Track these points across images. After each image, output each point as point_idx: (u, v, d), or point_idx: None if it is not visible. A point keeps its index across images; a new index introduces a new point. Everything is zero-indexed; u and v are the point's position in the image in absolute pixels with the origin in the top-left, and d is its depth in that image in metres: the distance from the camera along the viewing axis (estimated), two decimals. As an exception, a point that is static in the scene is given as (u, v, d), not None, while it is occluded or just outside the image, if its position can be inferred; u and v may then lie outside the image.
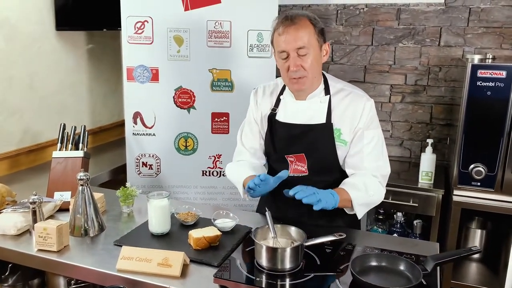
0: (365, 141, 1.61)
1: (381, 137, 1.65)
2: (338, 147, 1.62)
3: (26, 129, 2.47)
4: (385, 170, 1.66)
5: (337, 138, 1.61)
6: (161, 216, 1.56)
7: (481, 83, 2.08)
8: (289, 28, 1.51)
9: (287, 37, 1.51)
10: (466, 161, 2.17)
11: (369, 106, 1.60)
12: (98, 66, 2.99)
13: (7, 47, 2.31)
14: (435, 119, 2.82)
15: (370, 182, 1.59)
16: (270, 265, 1.29)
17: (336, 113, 1.61)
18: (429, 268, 1.25)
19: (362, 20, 2.87)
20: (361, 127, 1.60)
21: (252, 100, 1.77)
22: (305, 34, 1.51)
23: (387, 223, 2.70)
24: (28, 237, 1.56)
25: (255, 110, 1.76)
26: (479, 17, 2.61)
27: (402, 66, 2.83)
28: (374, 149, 1.62)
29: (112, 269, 1.35)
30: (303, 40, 1.50)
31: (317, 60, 1.57)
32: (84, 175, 1.58)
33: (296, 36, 1.50)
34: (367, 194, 1.57)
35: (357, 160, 1.62)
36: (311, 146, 1.62)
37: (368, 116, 1.60)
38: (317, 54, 1.55)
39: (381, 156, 1.64)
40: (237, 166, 1.76)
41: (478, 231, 2.45)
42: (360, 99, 1.61)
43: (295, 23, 1.51)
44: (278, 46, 1.55)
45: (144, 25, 2.38)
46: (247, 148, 1.78)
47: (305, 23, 1.52)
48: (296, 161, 1.65)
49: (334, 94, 1.63)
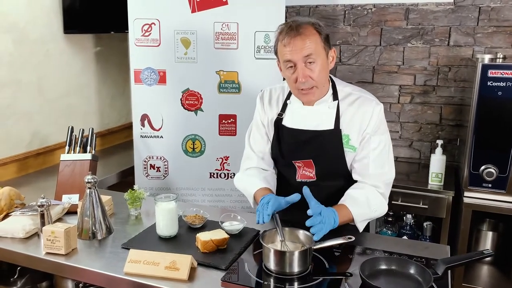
0: (371, 146, 1.58)
1: (388, 143, 1.61)
2: (347, 153, 1.59)
3: (35, 132, 2.49)
4: (389, 177, 1.62)
5: (346, 144, 1.58)
6: (169, 219, 1.55)
7: (492, 83, 2.06)
8: (294, 39, 1.46)
9: (293, 47, 1.47)
10: (477, 163, 2.14)
11: (378, 110, 1.57)
12: (106, 69, 3.00)
13: (16, 50, 2.32)
14: (445, 119, 2.79)
15: (372, 196, 1.56)
16: (278, 269, 1.27)
17: (345, 118, 1.58)
18: (440, 272, 1.23)
19: (370, 20, 2.84)
20: (368, 132, 1.57)
21: (258, 104, 1.74)
22: (312, 43, 1.47)
23: (397, 225, 2.67)
24: (37, 240, 1.56)
25: (262, 114, 1.73)
26: (489, 16, 2.57)
27: (411, 67, 2.81)
28: (380, 155, 1.58)
29: (120, 273, 1.34)
30: (310, 49, 1.47)
31: (325, 68, 1.53)
32: (92, 178, 1.57)
33: (302, 45, 1.46)
34: (370, 209, 1.55)
35: (362, 165, 1.59)
36: (319, 152, 1.60)
37: (376, 120, 1.57)
38: (324, 62, 1.52)
39: (386, 162, 1.60)
40: (247, 177, 1.72)
41: (490, 233, 2.41)
42: (369, 103, 1.58)
43: (300, 33, 1.46)
44: (284, 57, 1.51)
45: (151, 27, 2.38)
46: (255, 152, 1.75)
47: (310, 32, 1.48)
48: (304, 166, 1.63)
49: (343, 99, 1.60)
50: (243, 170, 1.78)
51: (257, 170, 1.72)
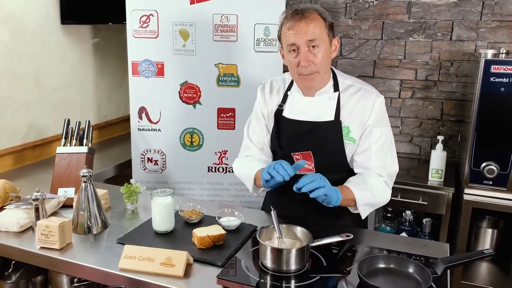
0: (373, 138, 1.57)
1: (390, 135, 1.61)
2: (347, 145, 1.58)
3: (32, 124, 2.46)
4: (393, 169, 1.61)
5: (346, 136, 1.57)
6: (165, 214, 1.54)
7: (495, 79, 2.03)
8: (299, 22, 1.46)
9: (297, 30, 1.46)
10: (478, 159, 2.12)
11: (379, 102, 1.56)
12: (104, 60, 2.96)
13: (12, 41, 2.29)
14: (446, 115, 2.76)
15: (375, 182, 1.55)
16: (275, 266, 1.25)
17: (345, 110, 1.57)
18: (439, 271, 1.21)
19: (371, 14, 2.81)
20: (370, 124, 1.56)
21: (259, 95, 1.73)
22: (316, 27, 1.47)
23: (396, 221, 2.65)
24: (31, 234, 1.54)
25: (263, 105, 1.72)
26: (493, 11, 2.53)
27: (413, 61, 2.77)
28: (382, 147, 1.58)
29: (115, 268, 1.33)
30: (314, 33, 1.46)
31: (327, 55, 1.53)
32: (87, 171, 1.55)
33: (307, 29, 1.46)
34: (372, 194, 1.54)
35: (364, 158, 1.58)
36: (319, 144, 1.59)
37: (378, 112, 1.56)
38: (327, 49, 1.51)
39: (389, 155, 1.60)
40: (246, 161, 1.72)
41: (489, 230, 2.40)
42: (370, 95, 1.57)
43: (305, 17, 1.47)
44: (287, 40, 1.50)
45: (149, 18, 2.34)
46: (255, 143, 1.74)
47: (315, 17, 1.48)
48: (303, 159, 1.62)
49: (343, 91, 1.59)
50: (242, 157, 1.77)
51: (257, 158, 1.71)
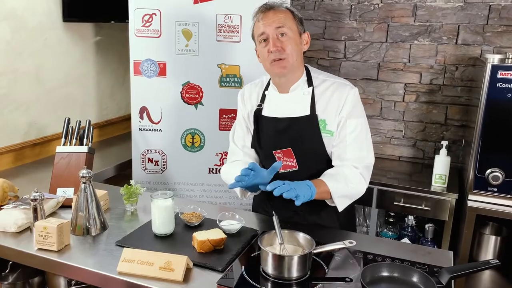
0: (348, 130, 1.58)
1: (364, 126, 1.61)
2: (325, 138, 1.59)
3: (32, 122, 2.44)
4: (368, 161, 1.61)
5: (323, 130, 1.59)
6: (165, 217, 1.51)
7: (501, 84, 2.00)
8: (267, 13, 1.55)
9: (266, 20, 1.54)
10: (483, 166, 2.09)
11: (352, 94, 1.58)
12: (106, 59, 2.94)
13: (13, 38, 2.27)
14: (450, 120, 2.73)
15: (350, 174, 1.56)
16: (276, 273, 1.23)
17: (321, 104, 1.59)
18: (444, 281, 1.19)
19: (376, 16, 2.78)
20: (344, 115, 1.57)
21: (239, 100, 1.77)
22: (284, 17, 1.55)
23: (398, 226, 2.63)
24: (29, 235, 1.52)
25: (243, 108, 1.75)
26: (500, 15, 2.51)
27: (417, 64, 2.75)
28: (357, 139, 1.58)
29: (113, 271, 1.30)
30: (281, 21, 1.53)
31: (297, 45, 1.57)
32: (87, 172, 1.53)
33: (274, 18, 1.54)
34: (347, 186, 1.54)
35: (340, 150, 1.59)
36: (297, 139, 1.60)
37: (351, 104, 1.57)
38: (296, 39, 1.56)
39: (364, 146, 1.60)
40: (231, 167, 1.73)
41: (492, 237, 2.37)
42: (343, 88, 1.59)
43: (273, 8, 1.56)
44: (258, 31, 1.57)
45: (152, 17, 2.32)
46: (240, 147, 1.76)
47: (283, 10, 1.57)
48: (284, 156, 1.63)
49: (318, 85, 1.62)
50: (229, 162, 1.80)
51: (243, 163, 1.71)
